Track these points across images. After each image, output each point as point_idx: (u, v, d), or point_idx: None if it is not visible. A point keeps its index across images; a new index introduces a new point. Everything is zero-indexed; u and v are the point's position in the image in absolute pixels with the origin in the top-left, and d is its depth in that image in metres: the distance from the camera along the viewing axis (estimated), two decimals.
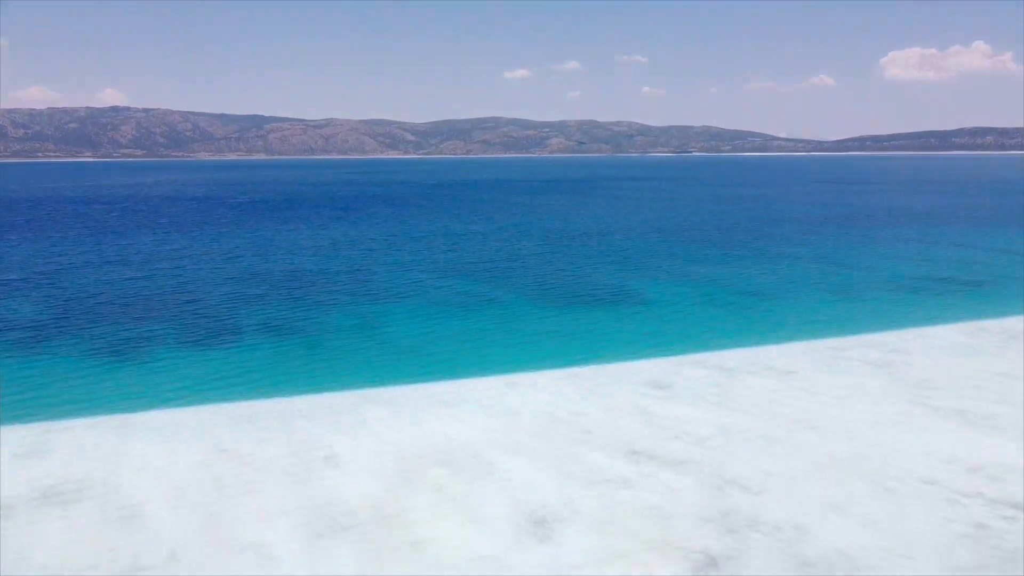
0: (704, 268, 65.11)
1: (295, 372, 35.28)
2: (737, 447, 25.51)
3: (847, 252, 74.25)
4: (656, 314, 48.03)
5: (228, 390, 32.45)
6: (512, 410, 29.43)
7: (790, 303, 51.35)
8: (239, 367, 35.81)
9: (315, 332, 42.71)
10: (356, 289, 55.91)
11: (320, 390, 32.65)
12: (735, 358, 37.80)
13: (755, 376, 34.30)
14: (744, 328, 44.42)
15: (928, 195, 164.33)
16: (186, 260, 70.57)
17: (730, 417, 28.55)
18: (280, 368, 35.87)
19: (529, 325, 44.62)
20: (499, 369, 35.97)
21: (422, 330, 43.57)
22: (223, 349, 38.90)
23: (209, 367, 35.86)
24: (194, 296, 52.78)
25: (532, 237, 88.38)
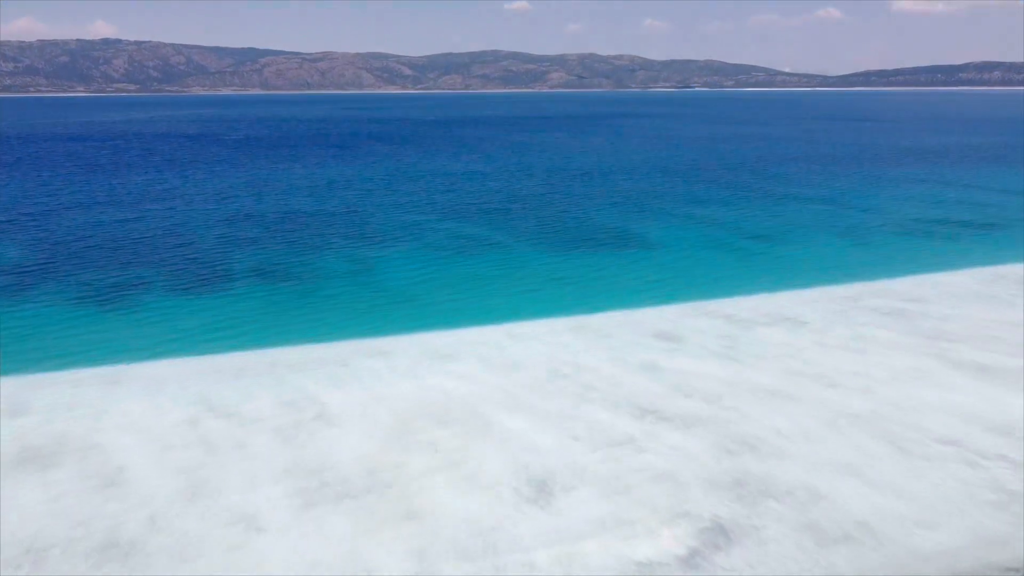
0: (709, 210, 63.35)
1: (287, 321, 34.03)
2: (748, 405, 24.39)
3: (856, 194, 72.31)
4: (661, 259, 46.58)
5: (217, 341, 31.23)
6: (513, 363, 28.26)
7: (799, 248, 49.81)
8: (229, 316, 34.53)
9: (308, 278, 41.33)
10: (351, 232, 54.31)
11: (312, 340, 31.44)
12: (744, 307, 36.51)
13: (766, 327, 33.05)
14: (752, 274, 43.02)
15: (936, 133, 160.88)
16: (178, 200, 68.73)
17: (741, 372, 27.37)
18: (271, 317, 34.60)
19: (530, 271, 43.21)
20: (499, 318, 34.71)
21: (419, 276, 42.18)
22: (213, 297, 37.58)
23: (198, 316, 34.59)
24: (185, 239, 51.22)
25: (533, 177, 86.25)
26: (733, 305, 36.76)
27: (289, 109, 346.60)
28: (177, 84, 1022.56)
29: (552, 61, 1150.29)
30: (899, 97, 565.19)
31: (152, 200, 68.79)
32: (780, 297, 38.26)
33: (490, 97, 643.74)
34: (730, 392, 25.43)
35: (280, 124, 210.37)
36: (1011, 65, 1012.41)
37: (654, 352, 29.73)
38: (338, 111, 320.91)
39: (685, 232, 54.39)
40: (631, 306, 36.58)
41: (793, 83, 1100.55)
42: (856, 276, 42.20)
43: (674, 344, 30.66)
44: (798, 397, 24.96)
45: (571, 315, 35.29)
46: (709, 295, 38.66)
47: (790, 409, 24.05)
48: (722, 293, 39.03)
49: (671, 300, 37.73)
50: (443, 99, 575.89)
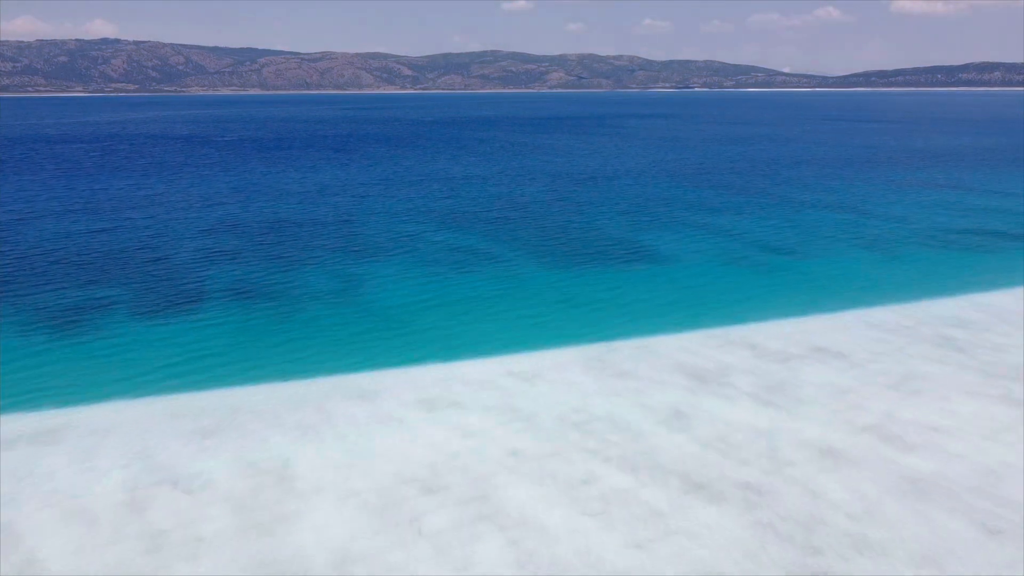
0: (724, 219, 59.46)
1: (258, 353, 30.12)
2: (797, 467, 20.48)
3: (876, 200, 68.44)
4: (676, 277, 42.67)
5: (177, 378, 27.37)
6: (515, 410, 24.37)
7: (824, 263, 45.92)
8: (194, 347, 30.63)
9: (287, 299, 37.42)
10: (340, 244, 50.44)
11: (286, 377, 27.58)
12: (773, 334, 32.65)
13: (801, 361, 29.17)
14: (777, 295, 39.14)
15: (946, 134, 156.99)
16: (159, 208, 64.85)
17: (782, 421, 23.48)
18: (241, 348, 30.67)
19: (535, 291, 39.31)
20: (500, 348, 30.86)
21: (411, 297, 38.28)
22: (179, 323, 33.66)
23: (159, 348, 30.68)
24: (158, 253, 47.32)
25: (536, 181, 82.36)
26: (760, 332, 32.90)
27: (287, 109, 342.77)
28: (176, 84, 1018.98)
29: (552, 61, 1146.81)
30: (901, 98, 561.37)
31: (131, 208, 64.89)
32: (811, 323, 34.39)
33: (489, 97, 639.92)
34: (773, 449, 21.55)
35: (276, 125, 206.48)
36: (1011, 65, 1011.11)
37: (678, 392, 25.87)
38: (336, 111, 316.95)
39: (699, 244, 50.52)
40: (647, 333, 32.71)
41: (793, 83, 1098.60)
42: (891, 297, 38.35)
43: (700, 383, 26.77)
44: (854, 457, 21.08)
45: (581, 344, 31.45)
46: (732, 319, 34.81)
47: (846, 473, 20.17)
48: (746, 317, 35.18)
49: (691, 326, 33.86)
50: (442, 99, 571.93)
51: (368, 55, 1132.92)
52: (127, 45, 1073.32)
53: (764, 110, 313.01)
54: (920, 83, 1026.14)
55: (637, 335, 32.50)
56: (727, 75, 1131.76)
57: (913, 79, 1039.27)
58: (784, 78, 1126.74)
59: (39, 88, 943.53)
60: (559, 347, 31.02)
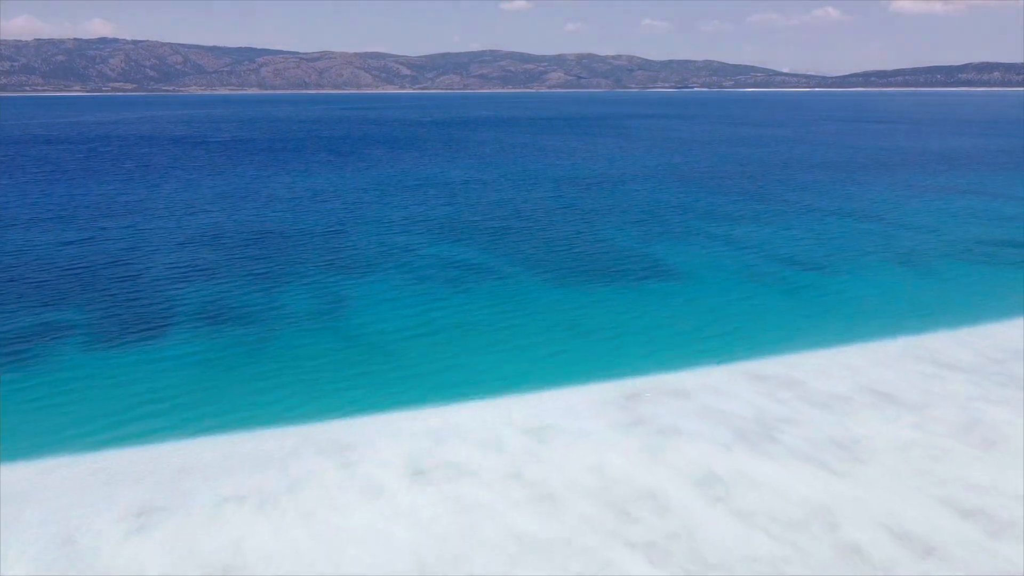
0: (741, 229, 55.54)
1: (220, 394, 26.16)
2: (875, 560, 16.55)
3: (900, 207, 64.51)
4: (694, 297, 38.72)
5: (121, 428, 23.46)
6: (519, 476, 20.42)
7: (855, 280, 41.99)
8: (148, 387, 26.68)
9: (262, 325, 33.46)
10: (328, 258, 46.52)
11: (248, 424, 23.69)
12: (808, 368, 28.77)
13: (847, 404, 25.27)
14: (809, 318, 35.23)
15: (958, 135, 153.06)
16: (138, 216, 60.91)
17: (840, 490, 19.53)
18: (200, 389, 26.67)
19: (539, 316, 35.34)
20: (500, 387, 26.97)
21: (401, 322, 34.35)
22: (135, 357, 29.70)
23: (108, 388, 26.70)
24: (129, 270, 43.38)
25: (539, 186, 78.41)
26: (797, 366, 29.00)
27: (284, 109, 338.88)
28: (174, 84, 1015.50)
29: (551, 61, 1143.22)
30: (902, 98, 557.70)
31: (107, 216, 60.94)
32: (853, 355, 30.47)
33: (489, 97, 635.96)
34: (836, 529, 17.62)
35: (272, 125, 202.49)
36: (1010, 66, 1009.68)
37: (712, 448, 21.96)
38: (334, 111, 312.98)
39: (718, 259, 46.59)
40: (670, 367, 28.80)
41: (792, 83, 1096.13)
42: (936, 321, 34.47)
43: (736, 436, 22.85)
44: (935, 545, 17.15)
45: (594, 381, 27.57)
46: (763, 349, 30.92)
47: (932, 569, 16.24)
48: (779, 346, 31.30)
49: (715, 357, 29.98)
50: (441, 99, 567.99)
51: (367, 55, 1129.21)
52: (125, 44, 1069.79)
53: (767, 110, 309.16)
54: (919, 83, 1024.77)
55: (658, 369, 28.61)
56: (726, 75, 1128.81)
57: (912, 79, 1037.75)
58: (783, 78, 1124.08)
59: (37, 87, 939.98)
60: (569, 386, 27.13)
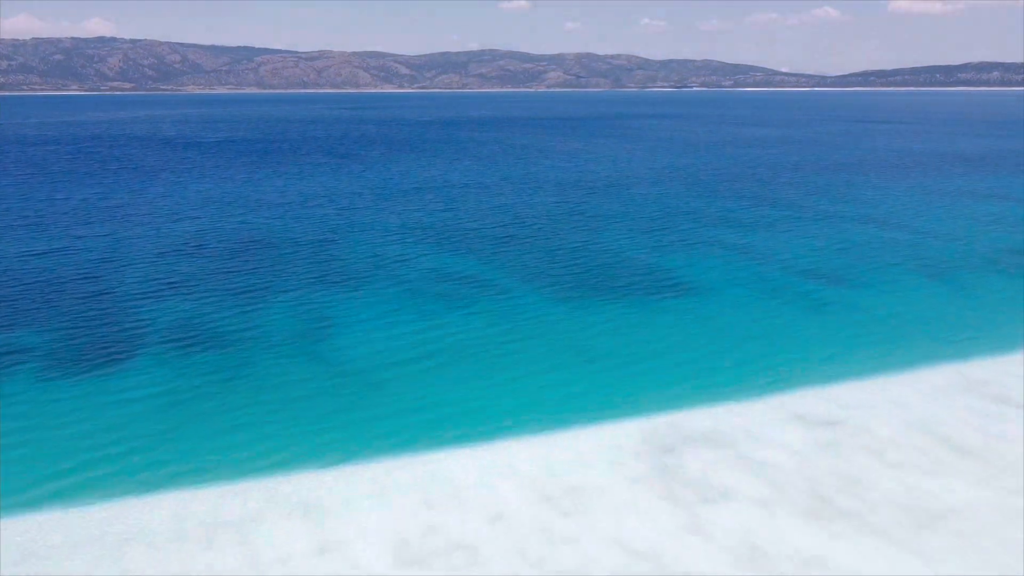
0: (756, 237, 52.33)
1: (178, 439, 22.81)
2: None
3: (921, 212, 61.30)
4: (712, 315, 35.46)
5: (53, 481, 20.19)
6: (522, 553, 17.16)
7: (885, 294, 38.78)
8: (98, 429, 23.38)
9: (237, 351, 30.16)
10: (316, 271, 43.26)
11: (205, 478, 20.43)
12: (851, 403, 25.56)
13: (904, 450, 22.05)
14: (839, 339, 31.97)
15: (965, 135, 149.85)
16: (118, 223, 57.60)
17: (924, 566, 16.34)
18: (157, 433, 23.25)
19: (541, 336, 32.06)
20: (498, 424, 23.78)
21: (391, 344, 31.08)
22: (89, 390, 26.39)
23: (48, 432, 23.33)
24: (100, 285, 40.09)
25: (542, 190, 75.15)
26: (833, 399, 25.83)
27: (282, 109, 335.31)
28: (172, 83, 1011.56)
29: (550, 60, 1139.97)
30: (903, 97, 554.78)
31: (85, 223, 57.62)
32: (892, 385, 27.29)
33: (488, 97, 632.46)
34: None
35: (267, 125, 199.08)
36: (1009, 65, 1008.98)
37: (751, 511, 18.74)
38: (332, 111, 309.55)
39: (734, 271, 43.35)
40: (690, 402, 25.59)
41: (791, 83, 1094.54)
42: (979, 344, 31.37)
43: (778, 492, 19.63)
44: None
45: (605, 420, 24.36)
46: (793, 379, 27.75)
47: None
48: (809, 375, 28.14)
49: (744, 390, 26.77)
50: (440, 99, 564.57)
51: (365, 54, 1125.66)
52: (123, 43, 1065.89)
53: (769, 110, 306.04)
54: (919, 83, 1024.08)
55: (679, 405, 25.40)
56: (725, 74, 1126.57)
57: (912, 79, 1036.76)
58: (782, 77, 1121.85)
59: (34, 87, 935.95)
60: (579, 426, 23.91)
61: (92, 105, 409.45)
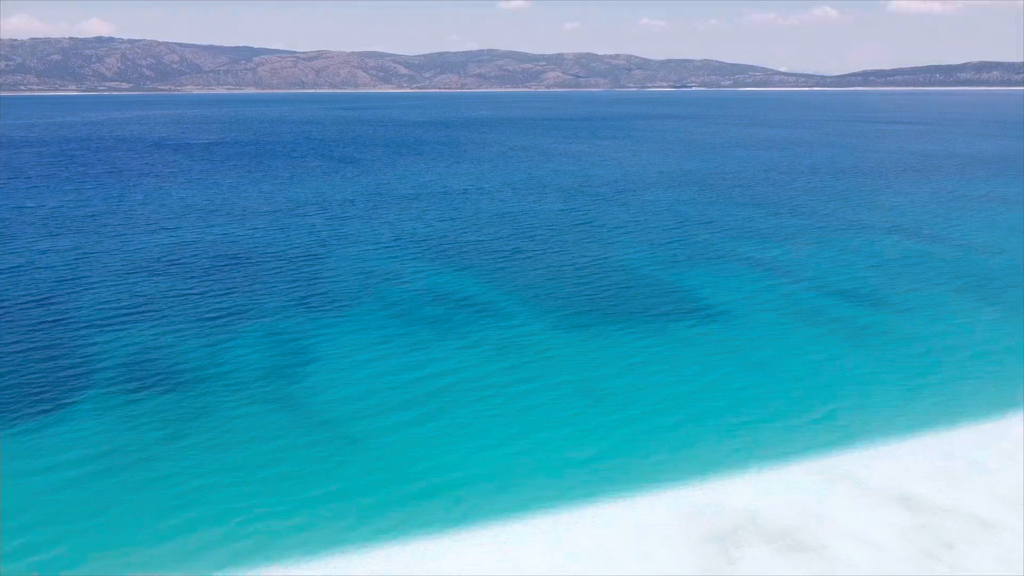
0: (778, 250, 48.02)
1: (107, 529, 18.42)
2: None
3: (952, 221, 56.99)
4: (737, 346, 31.08)
5: None
6: None
7: (928, 319, 34.47)
8: (8, 510, 18.99)
9: (196, 398, 25.75)
10: (299, 291, 38.91)
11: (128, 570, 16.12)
12: (926, 469, 21.24)
13: (1001, 545, 17.75)
14: (897, 382, 27.61)
15: (980, 136, 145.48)
16: (88, 235, 53.26)
17: None
18: (84, 517, 18.81)
19: (548, 375, 27.70)
20: (496, 505, 19.47)
21: (376, 385, 26.72)
22: (11, 442, 21.95)
23: None
24: (56, 310, 35.72)
25: (546, 197, 70.78)
26: (903, 464, 21.54)
27: (279, 109, 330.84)
28: (171, 83, 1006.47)
29: (549, 60, 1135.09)
30: (904, 97, 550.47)
31: (54, 234, 53.27)
32: (964, 443, 23.08)
33: (487, 97, 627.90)
34: None
35: (262, 126, 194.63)
36: (1009, 65, 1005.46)
37: None
38: (329, 111, 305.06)
39: (761, 291, 38.98)
40: (728, 467, 21.25)
41: (790, 83, 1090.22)
42: None
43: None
44: None
45: (629, 491, 20.08)
46: (847, 433, 23.43)
47: None
48: (865, 427, 23.83)
49: (788, 446, 22.47)
50: (439, 99, 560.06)
51: (364, 54, 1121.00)
52: (121, 44, 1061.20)
53: (772, 110, 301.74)
54: (918, 83, 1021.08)
55: (716, 469, 21.09)
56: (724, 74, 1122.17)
57: (911, 78, 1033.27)
58: (781, 77, 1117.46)
59: (32, 87, 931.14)
60: (597, 501, 19.61)
61: (88, 106, 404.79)
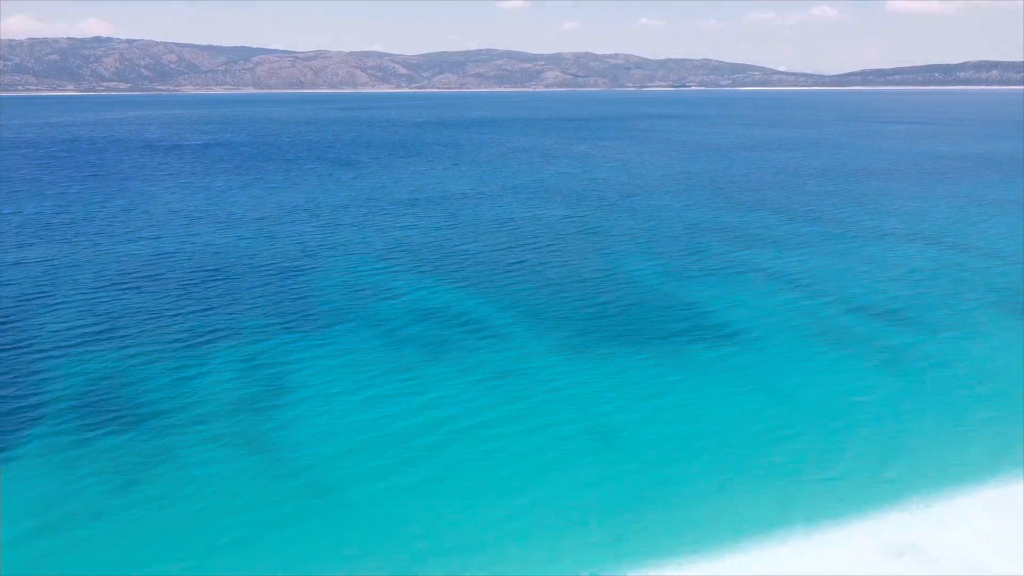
0: (796, 259, 45.08)
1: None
2: None
3: (976, 228, 54.05)
4: (762, 373, 28.10)
5: None
6: None
7: (967, 340, 31.55)
8: None
9: (157, 431, 22.68)
10: (281, 308, 35.92)
11: None
12: (993, 538, 18.30)
13: None
14: (945, 418, 24.65)
15: (990, 137, 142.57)
16: (62, 246, 50.31)
17: None
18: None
19: (552, 414, 24.68)
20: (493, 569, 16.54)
21: (357, 421, 23.74)
22: None
23: None
24: (10, 333, 32.65)
25: (549, 202, 67.81)
26: (963, 526, 18.51)
27: (277, 109, 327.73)
28: (169, 83, 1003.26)
29: (548, 60, 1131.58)
30: (905, 97, 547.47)
31: (27, 244, 50.27)
32: None
33: (486, 96, 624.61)
34: None
35: (258, 127, 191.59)
36: (1009, 64, 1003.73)
37: None
38: (327, 112, 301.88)
39: (782, 307, 35.99)
40: (763, 530, 18.28)
41: (789, 82, 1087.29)
42: None
43: None
44: None
45: (648, 566, 17.10)
46: (880, 486, 20.49)
47: None
48: (903, 474, 20.87)
49: (817, 507, 19.50)
50: (438, 98, 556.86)
51: (363, 53, 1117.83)
52: (119, 44, 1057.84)
53: (774, 110, 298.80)
54: (917, 82, 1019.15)
55: (735, 534, 18.13)
56: (723, 74, 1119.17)
57: (910, 78, 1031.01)
58: (781, 76, 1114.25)
59: (30, 87, 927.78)
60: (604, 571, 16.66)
61: (84, 105, 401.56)
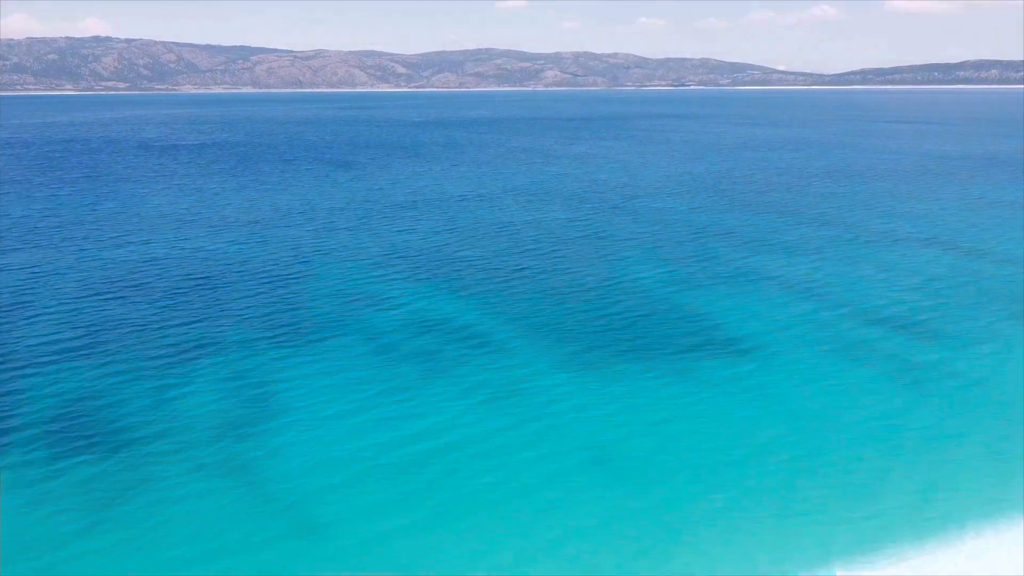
0: (808, 266, 43.38)
1: None
2: None
3: (990, 232, 52.30)
4: (781, 393, 26.38)
5: None
6: None
7: (993, 355, 29.87)
8: None
9: (133, 458, 20.88)
10: (269, 320, 34.21)
11: None
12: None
13: None
14: (977, 444, 22.99)
15: (994, 136, 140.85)
16: (46, 252, 48.61)
17: None
18: None
19: (556, 440, 22.95)
20: None
21: (348, 447, 22.01)
22: None
23: None
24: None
25: (550, 204, 66.10)
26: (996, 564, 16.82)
27: (275, 109, 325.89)
28: (168, 82, 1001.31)
29: (547, 59, 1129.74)
30: (907, 96, 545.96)
31: (10, 250, 48.52)
32: None
33: (485, 96, 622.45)
34: None
35: (256, 127, 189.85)
36: (1008, 63, 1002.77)
37: None
38: (326, 111, 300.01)
39: (797, 319, 34.29)
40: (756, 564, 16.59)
41: (789, 81, 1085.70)
42: None
43: None
44: None
45: None
46: (920, 523, 18.80)
47: None
48: (946, 510, 19.19)
49: (843, 540, 17.82)
50: (437, 98, 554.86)
51: (362, 53, 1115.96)
52: (118, 43, 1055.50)
53: (774, 109, 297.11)
54: (917, 81, 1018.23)
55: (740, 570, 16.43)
56: (723, 73, 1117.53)
57: (910, 77, 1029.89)
58: (780, 76, 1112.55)
59: (28, 87, 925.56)
60: None
61: (82, 105, 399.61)
